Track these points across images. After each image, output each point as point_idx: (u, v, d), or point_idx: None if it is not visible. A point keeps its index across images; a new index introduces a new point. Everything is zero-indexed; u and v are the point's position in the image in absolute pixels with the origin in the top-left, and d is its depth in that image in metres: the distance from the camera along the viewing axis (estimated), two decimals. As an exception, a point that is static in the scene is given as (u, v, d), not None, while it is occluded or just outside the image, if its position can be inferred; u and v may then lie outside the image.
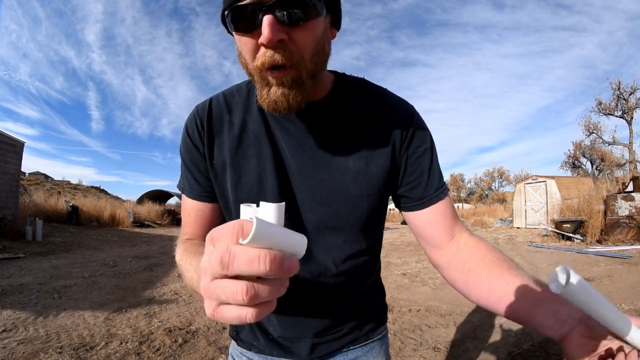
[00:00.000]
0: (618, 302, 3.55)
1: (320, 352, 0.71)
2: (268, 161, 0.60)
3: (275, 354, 0.72)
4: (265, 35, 0.44)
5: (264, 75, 0.49)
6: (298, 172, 0.60)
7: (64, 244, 8.48)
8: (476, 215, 20.59)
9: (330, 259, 0.64)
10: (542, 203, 13.76)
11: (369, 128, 0.61)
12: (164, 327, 2.99)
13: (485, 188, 42.52)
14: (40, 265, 5.78)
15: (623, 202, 8.63)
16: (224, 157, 0.62)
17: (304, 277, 0.64)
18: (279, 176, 0.60)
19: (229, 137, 0.62)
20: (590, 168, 25.14)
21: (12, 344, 2.52)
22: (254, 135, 0.62)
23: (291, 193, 0.61)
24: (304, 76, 0.50)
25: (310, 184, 0.60)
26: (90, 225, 12.91)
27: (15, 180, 10.03)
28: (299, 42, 0.48)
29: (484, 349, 2.63)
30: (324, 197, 0.59)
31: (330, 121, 0.61)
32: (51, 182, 24.39)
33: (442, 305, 3.77)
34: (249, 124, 0.62)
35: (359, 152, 0.60)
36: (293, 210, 0.61)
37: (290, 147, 0.60)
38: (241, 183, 0.62)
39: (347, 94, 0.63)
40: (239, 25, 0.48)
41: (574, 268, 0.52)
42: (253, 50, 0.49)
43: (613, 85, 20.63)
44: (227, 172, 0.62)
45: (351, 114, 0.62)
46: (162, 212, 18.10)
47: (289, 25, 0.46)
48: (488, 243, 0.63)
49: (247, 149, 0.61)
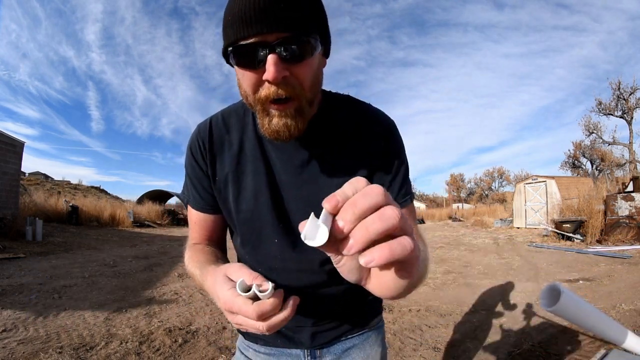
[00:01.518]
0: (618, 302, 3.55)
1: (320, 340, 0.74)
2: (262, 176, 0.66)
3: (280, 343, 0.76)
4: (271, 73, 0.49)
5: (266, 107, 0.55)
6: (289, 186, 0.66)
7: (64, 244, 8.48)
8: (476, 215, 20.59)
9: (322, 261, 0.68)
10: (542, 203, 13.76)
11: (357, 141, 0.66)
12: (164, 327, 2.99)
13: (485, 188, 42.53)
14: (40, 265, 5.78)
15: (623, 202, 8.63)
16: (226, 174, 0.69)
17: (302, 268, 0.69)
18: (271, 190, 0.66)
19: (229, 155, 0.69)
20: (590, 168, 25.15)
21: (12, 344, 2.52)
22: (250, 153, 0.68)
23: (282, 205, 0.67)
24: (304, 105, 0.56)
25: (300, 196, 0.66)
26: (90, 225, 12.91)
27: (15, 180, 10.03)
28: (300, 76, 0.53)
29: (484, 349, 2.63)
30: (314, 209, 0.61)
31: (321, 137, 0.65)
32: (51, 182, 24.39)
33: (442, 305, 3.77)
34: (245, 142, 0.68)
35: (347, 165, 0.65)
36: (286, 221, 0.67)
37: (282, 163, 0.66)
38: (241, 196, 0.68)
39: (336, 109, 0.68)
40: (243, 62, 0.52)
41: (563, 285, 0.52)
42: (256, 84, 0.53)
43: (613, 85, 20.66)
44: (229, 187, 0.69)
45: (340, 128, 0.67)
46: (162, 212, 18.10)
47: (289, 62, 0.50)
48: None
49: (245, 166, 0.68)
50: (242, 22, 0.48)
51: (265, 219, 0.67)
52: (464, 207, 30.77)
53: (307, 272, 0.69)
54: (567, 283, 4.61)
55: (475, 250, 8.33)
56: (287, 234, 0.67)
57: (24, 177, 21.45)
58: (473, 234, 12.55)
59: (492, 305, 3.74)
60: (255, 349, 0.79)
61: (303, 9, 0.50)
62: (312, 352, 0.76)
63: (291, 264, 0.68)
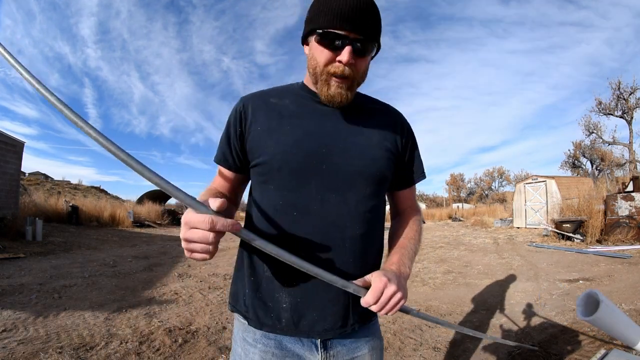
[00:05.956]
0: (618, 302, 3.55)
1: (328, 324, 0.76)
2: (305, 127, 0.79)
3: (287, 329, 0.76)
4: (345, 58, 0.71)
5: (329, 79, 0.75)
6: (331, 136, 0.78)
7: (64, 244, 8.48)
8: (476, 215, 20.57)
9: (358, 204, 0.77)
10: (542, 203, 13.75)
11: (383, 117, 0.87)
12: (164, 327, 2.99)
13: (485, 188, 42.52)
14: (40, 265, 5.78)
15: (623, 202, 8.63)
16: (268, 125, 0.81)
17: (340, 212, 0.76)
18: (313, 137, 0.78)
19: (273, 112, 0.82)
20: (590, 168, 25.13)
21: (12, 344, 2.52)
22: (297, 110, 0.82)
23: (324, 150, 0.77)
24: (355, 85, 0.77)
25: (342, 144, 0.78)
26: (90, 225, 12.90)
27: (15, 180, 10.02)
28: (359, 66, 0.74)
29: (484, 349, 2.63)
30: (357, 152, 0.79)
31: (358, 109, 0.84)
32: (51, 182, 24.37)
33: (442, 305, 3.77)
34: (292, 104, 0.83)
35: (378, 128, 0.84)
36: (327, 164, 0.76)
37: (326, 119, 0.81)
38: (282, 141, 0.79)
39: (367, 97, 0.91)
40: (327, 43, 0.71)
41: (599, 292, 0.51)
42: (330, 60, 0.73)
43: (613, 85, 20.65)
44: (272, 134, 0.80)
45: (370, 107, 0.88)
46: (162, 212, 18.09)
47: (357, 55, 0.72)
48: (410, 226, 0.90)
49: (289, 119, 0.81)
50: (338, 17, 0.68)
51: (307, 161, 0.75)
52: (464, 207, 30.74)
53: (344, 217, 0.75)
54: (567, 283, 4.61)
55: (475, 250, 8.32)
56: (327, 176, 0.75)
57: (24, 177, 21.44)
58: (473, 234, 12.55)
59: (492, 305, 3.75)
60: (264, 343, 0.78)
61: (376, 23, 0.72)
62: (324, 344, 0.78)
63: (329, 206, 0.74)
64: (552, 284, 4.59)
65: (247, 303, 0.80)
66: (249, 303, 0.79)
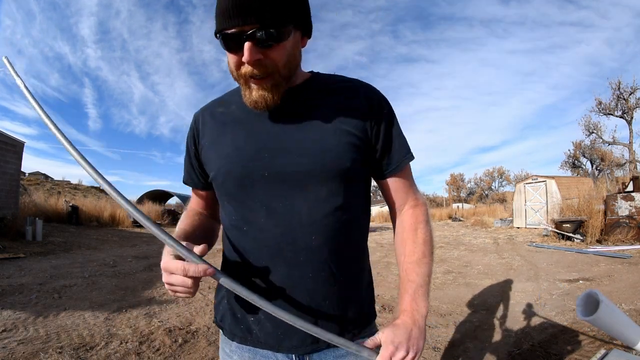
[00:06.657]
0: (618, 302, 3.55)
1: (309, 343, 0.70)
2: (244, 132, 0.72)
3: (263, 343, 0.72)
4: (245, 57, 0.60)
5: (247, 82, 0.66)
6: (268, 136, 0.70)
7: (64, 244, 8.49)
8: (476, 215, 20.58)
9: (311, 210, 0.68)
10: (542, 203, 13.75)
11: (343, 97, 0.73)
12: (164, 327, 2.99)
13: (485, 188, 42.52)
14: (40, 265, 5.78)
15: (623, 202, 8.63)
16: (212, 138, 0.77)
17: (291, 222, 0.68)
18: (251, 142, 0.71)
19: (215, 123, 0.78)
20: (590, 168, 25.13)
21: (12, 344, 2.52)
22: (235, 118, 0.76)
23: (264, 154, 0.69)
24: (279, 81, 0.66)
25: (280, 144, 0.69)
26: (90, 225, 12.91)
27: (15, 180, 10.02)
28: (273, 58, 0.62)
29: (484, 349, 2.63)
30: (303, 149, 0.68)
31: (306, 95, 0.73)
32: (51, 182, 24.37)
33: (442, 305, 3.77)
34: (231, 113, 0.77)
35: (335, 111, 0.71)
36: (270, 169, 0.68)
37: (263, 122, 0.72)
38: (224, 152, 0.75)
39: (331, 77, 0.78)
40: (228, 46, 0.62)
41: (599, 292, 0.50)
42: (238, 64, 0.64)
43: (613, 85, 20.65)
44: (213, 147, 0.77)
45: (324, 87, 0.75)
46: (162, 212, 18.09)
47: (263, 47, 0.60)
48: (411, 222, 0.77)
49: (228, 127, 0.76)
50: (225, 15, 0.59)
51: (247, 169, 0.69)
52: (464, 207, 30.74)
53: (293, 227, 0.67)
54: (567, 283, 4.61)
55: (475, 250, 8.33)
56: (272, 183, 0.68)
57: (24, 177, 21.44)
58: (473, 234, 12.55)
59: (492, 305, 3.75)
60: (239, 355, 0.75)
61: (274, 2, 0.58)
62: (301, 358, 0.71)
63: (276, 217, 0.67)
64: (552, 284, 4.59)
65: (222, 313, 0.78)
66: (223, 313, 0.78)
